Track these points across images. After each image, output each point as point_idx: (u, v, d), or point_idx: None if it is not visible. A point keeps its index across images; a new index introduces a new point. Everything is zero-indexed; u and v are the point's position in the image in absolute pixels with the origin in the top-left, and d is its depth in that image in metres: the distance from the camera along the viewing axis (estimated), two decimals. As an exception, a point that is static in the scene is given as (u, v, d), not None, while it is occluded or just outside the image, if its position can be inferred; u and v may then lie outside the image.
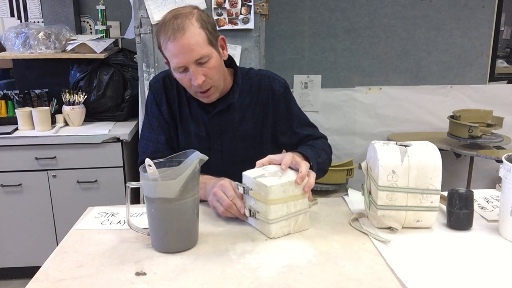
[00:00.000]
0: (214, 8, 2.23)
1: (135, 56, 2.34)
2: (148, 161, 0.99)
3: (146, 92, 2.31)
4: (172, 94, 1.46)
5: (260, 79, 1.48)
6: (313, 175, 1.15)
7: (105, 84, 2.56)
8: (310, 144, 1.43)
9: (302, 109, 1.55)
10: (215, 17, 2.23)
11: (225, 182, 1.20)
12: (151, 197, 1.00)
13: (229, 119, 1.45)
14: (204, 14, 1.34)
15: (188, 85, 1.32)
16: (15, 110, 2.48)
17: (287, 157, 1.15)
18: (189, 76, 1.29)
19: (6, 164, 2.39)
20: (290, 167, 1.15)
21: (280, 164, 1.14)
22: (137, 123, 2.55)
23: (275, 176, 1.11)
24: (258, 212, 1.11)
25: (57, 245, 1.09)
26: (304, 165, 1.14)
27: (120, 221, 1.20)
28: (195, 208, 1.05)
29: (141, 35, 2.25)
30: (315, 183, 1.17)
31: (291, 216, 1.11)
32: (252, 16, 2.20)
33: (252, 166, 1.19)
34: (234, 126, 1.45)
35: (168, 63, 1.34)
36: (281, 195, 1.08)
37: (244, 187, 1.13)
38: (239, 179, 1.17)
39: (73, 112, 2.50)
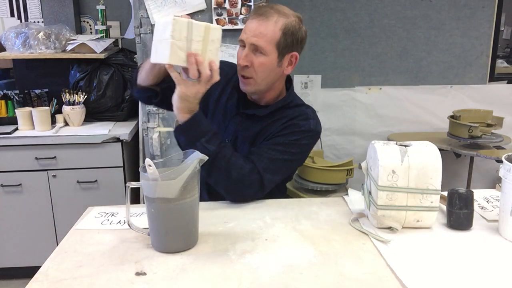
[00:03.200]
0: (214, 8, 2.23)
1: (135, 56, 2.34)
2: (148, 161, 0.99)
3: (146, 92, 2.32)
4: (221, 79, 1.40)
5: (297, 114, 1.42)
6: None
7: (105, 84, 2.56)
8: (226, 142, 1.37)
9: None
10: (215, 17, 2.24)
11: None
12: (151, 197, 1.00)
13: (247, 125, 1.44)
14: (297, 27, 1.35)
15: (237, 62, 1.38)
16: (15, 110, 2.48)
17: None
18: (241, 53, 1.36)
19: (6, 164, 2.39)
20: None
21: None
22: (137, 123, 2.55)
23: None
24: None
25: (57, 245, 1.09)
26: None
27: (120, 221, 1.20)
28: (195, 208, 1.05)
29: (141, 35, 2.25)
30: (314, 182, 1.14)
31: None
32: (252, 16, 2.20)
33: None
34: (246, 133, 1.43)
35: None
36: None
37: None
38: None
39: (73, 112, 2.50)
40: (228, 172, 1.27)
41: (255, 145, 1.41)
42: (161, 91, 1.43)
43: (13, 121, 2.49)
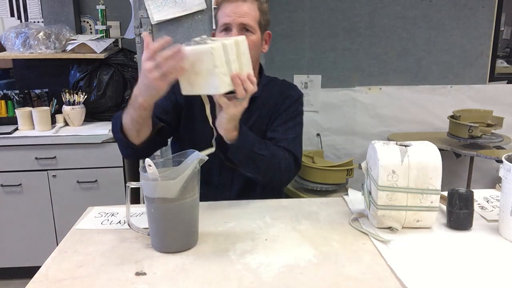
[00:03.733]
0: (214, 8, 2.22)
1: (135, 56, 2.34)
2: (148, 161, 0.99)
3: (146, 92, 2.32)
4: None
5: (281, 86, 1.54)
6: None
7: (105, 84, 2.56)
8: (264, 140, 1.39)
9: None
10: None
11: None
12: (151, 197, 1.00)
13: (248, 117, 1.44)
14: (265, 8, 1.44)
15: None
16: (15, 110, 2.48)
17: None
18: (224, 37, 1.35)
19: (6, 164, 2.39)
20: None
21: None
22: (137, 123, 2.55)
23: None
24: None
25: (57, 245, 1.09)
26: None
27: (120, 221, 1.20)
28: (195, 208, 1.05)
29: (141, 35, 2.25)
30: (314, 182, 1.12)
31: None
32: (252, 16, 2.20)
33: None
34: (250, 120, 1.46)
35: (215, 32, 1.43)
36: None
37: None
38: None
39: (73, 112, 2.50)
40: (279, 166, 1.34)
41: (265, 129, 1.46)
42: (167, 123, 1.42)
43: (13, 121, 2.49)
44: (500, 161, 1.10)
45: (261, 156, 1.28)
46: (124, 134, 1.28)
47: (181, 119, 1.50)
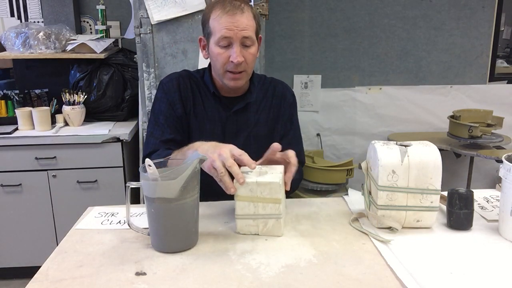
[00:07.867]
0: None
1: (135, 56, 2.34)
2: (148, 161, 0.99)
3: (146, 92, 2.32)
4: (186, 93, 1.47)
5: (274, 85, 1.55)
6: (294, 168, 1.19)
7: (105, 84, 2.56)
8: None
9: (302, 109, 1.57)
10: (215, 17, 2.23)
11: (225, 149, 1.13)
12: (151, 197, 1.00)
13: (246, 119, 1.48)
14: (256, 12, 1.43)
15: (224, 61, 1.36)
16: (15, 110, 2.48)
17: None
18: (228, 53, 1.34)
19: (6, 164, 2.39)
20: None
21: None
22: (137, 123, 2.55)
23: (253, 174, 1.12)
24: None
25: (57, 245, 1.09)
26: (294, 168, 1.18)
27: (120, 221, 1.20)
28: (195, 208, 1.05)
29: (141, 35, 2.25)
30: (314, 182, 1.14)
31: (259, 218, 1.11)
32: (252, 16, 2.20)
33: None
34: (249, 127, 1.48)
35: (205, 38, 1.41)
36: (247, 193, 1.09)
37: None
38: None
39: (73, 112, 2.50)
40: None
41: (267, 133, 1.49)
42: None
43: (13, 121, 2.48)
44: (500, 161, 1.10)
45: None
46: None
47: (190, 125, 1.48)
